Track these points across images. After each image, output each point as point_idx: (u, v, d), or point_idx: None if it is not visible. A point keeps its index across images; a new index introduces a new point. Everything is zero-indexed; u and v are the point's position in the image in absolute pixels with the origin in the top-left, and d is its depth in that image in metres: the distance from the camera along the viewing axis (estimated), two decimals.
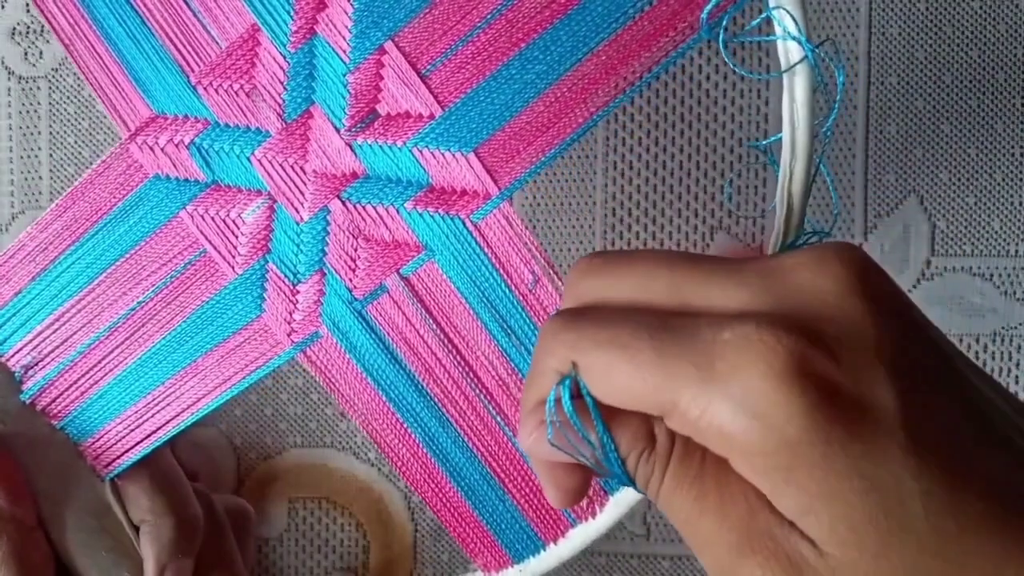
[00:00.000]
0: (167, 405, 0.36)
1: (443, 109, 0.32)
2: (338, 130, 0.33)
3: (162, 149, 0.34)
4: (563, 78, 0.31)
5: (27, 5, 0.42)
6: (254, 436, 0.44)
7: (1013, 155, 0.42)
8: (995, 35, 0.42)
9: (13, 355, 0.36)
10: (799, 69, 0.29)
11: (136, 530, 0.37)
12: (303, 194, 0.33)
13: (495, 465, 0.34)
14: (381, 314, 0.34)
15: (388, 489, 0.44)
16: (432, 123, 0.32)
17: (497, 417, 0.34)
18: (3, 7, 0.42)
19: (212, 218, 0.34)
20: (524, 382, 0.30)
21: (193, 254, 0.34)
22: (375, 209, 0.33)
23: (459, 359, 0.34)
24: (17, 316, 0.36)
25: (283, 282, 0.34)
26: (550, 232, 0.43)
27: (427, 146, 0.32)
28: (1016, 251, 0.42)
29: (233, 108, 0.33)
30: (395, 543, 0.44)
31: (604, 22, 0.30)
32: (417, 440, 0.34)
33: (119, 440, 0.36)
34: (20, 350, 0.36)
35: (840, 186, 0.42)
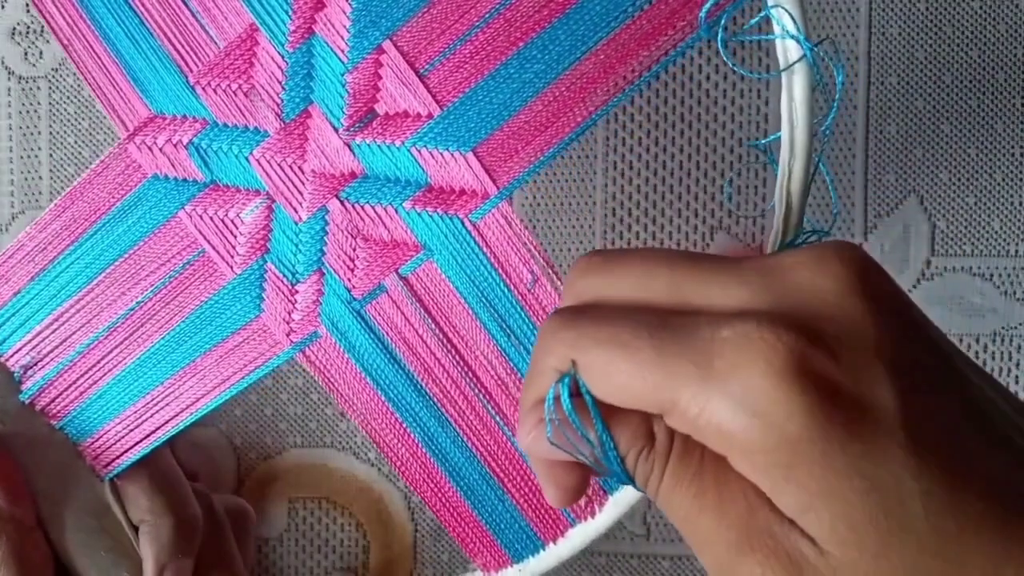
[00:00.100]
0: (166, 405, 0.35)
1: (441, 108, 0.32)
2: (336, 130, 0.33)
3: (160, 149, 0.34)
4: (562, 77, 0.31)
5: (27, 5, 0.42)
6: (254, 436, 0.44)
7: (1013, 155, 0.42)
8: (995, 35, 0.42)
9: (12, 355, 0.36)
10: (798, 68, 0.29)
11: (135, 530, 0.36)
12: (301, 194, 0.33)
13: (494, 465, 0.34)
14: (380, 314, 0.34)
15: (388, 489, 0.44)
16: (430, 123, 0.32)
17: (496, 417, 0.34)
18: (3, 7, 0.42)
19: (211, 218, 0.34)
20: (523, 381, 0.30)
21: (192, 254, 0.34)
22: (374, 209, 0.33)
23: (458, 359, 0.34)
24: (16, 316, 0.36)
25: (282, 282, 0.34)
26: (549, 232, 0.43)
27: (425, 146, 0.32)
28: (1016, 251, 0.42)
29: (231, 108, 0.33)
30: (395, 543, 0.44)
31: (603, 21, 0.30)
32: (416, 440, 0.34)
33: (118, 440, 0.36)
34: (19, 350, 0.36)
35: (840, 186, 0.42)
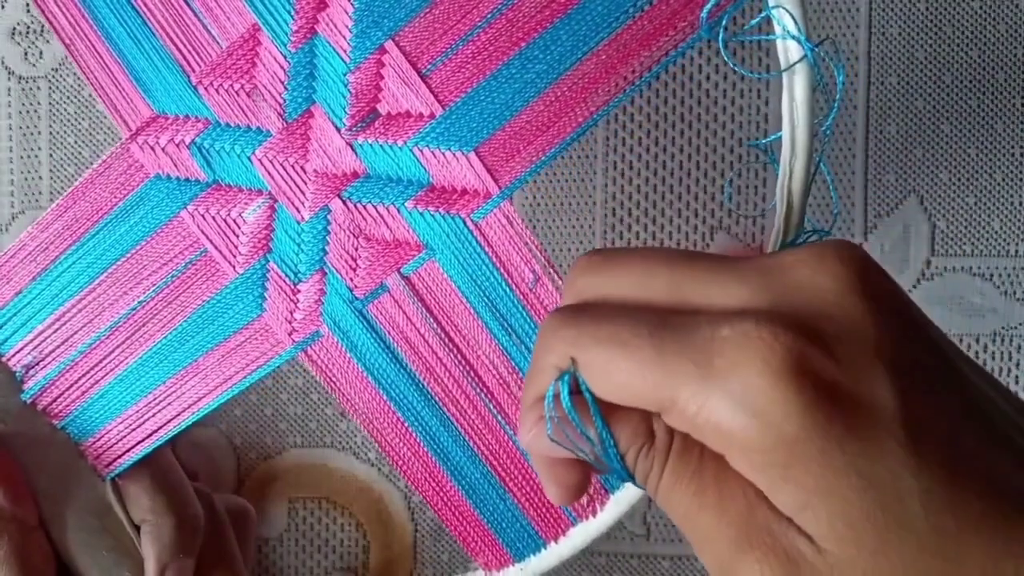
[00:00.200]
0: (168, 404, 0.36)
1: (443, 108, 0.32)
2: (339, 129, 0.33)
3: (163, 149, 0.34)
4: (563, 77, 0.31)
5: (27, 5, 0.42)
6: (254, 436, 0.44)
7: (1013, 155, 0.42)
8: (995, 35, 0.42)
9: (14, 355, 0.36)
10: (798, 68, 0.29)
11: (137, 530, 0.36)
12: (304, 193, 0.33)
13: (496, 464, 0.34)
14: (382, 313, 0.34)
15: (388, 489, 0.44)
16: (432, 122, 0.32)
17: (498, 416, 0.34)
18: (3, 7, 0.42)
19: (213, 218, 0.34)
20: (524, 380, 0.30)
21: (194, 254, 0.35)
22: (376, 208, 0.33)
23: (460, 358, 0.34)
24: (18, 316, 0.36)
25: (284, 281, 0.34)
26: (550, 232, 0.43)
27: (427, 145, 0.32)
28: (1016, 251, 0.42)
29: (234, 108, 0.33)
30: (395, 543, 0.44)
31: (604, 21, 0.30)
32: (418, 439, 0.34)
33: (120, 440, 0.36)
34: (21, 350, 0.36)
35: (840, 186, 0.42)
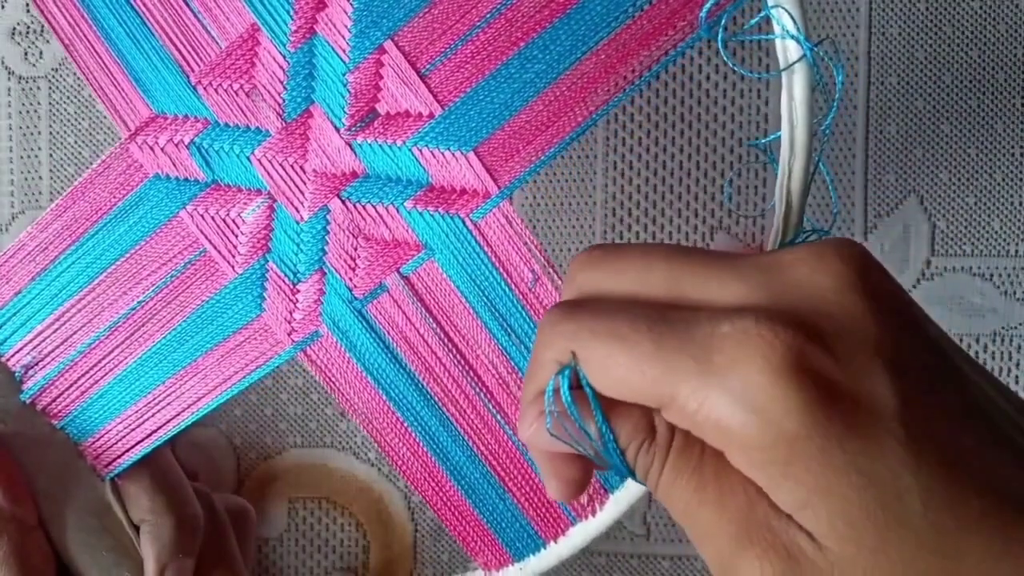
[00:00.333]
0: (167, 404, 0.36)
1: (443, 108, 0.32)
2: (338, 129, 0.33)
3: (162, 149, 0.34)
4: (562, 77, 0.31)
5: (27, 5, 0.42)
6: (254, 436, 0.44)
7: (1013, 155, 0.42)
8: (995, 35, 0.42)
9: (13, 355, 0.36)
10: (798, 68, 0.29)
11: (136, 530, 0.36)
12: (303, 193, 0.33)
13: (495, 463, 0.34)
14: (381, 313, 0.34)
15: (388, 489, 0.44)
16: (432, 122, 0.32)
17: (497, 416, 0.34)
18: (3, 7, 0.42)
19: (212, 218, 0.34)
20: (524, 378, 0.30)
21: (193, 253, 0.35)
22: (375, 208, 0.33)
23: (459, 358, 0.34)
24: (17, 316, 0.36)
25: (283, 281, 0.34)
26: (550, 231, 0.43)
27: (427, 145, 0.32)
28: (1016, 251, 0.42)
29: (233, 108, 0.33)
30: (395, 543, 0.44)
31: (603, 21, 0.30)
32: (417, 439, 0.34)
33: (119, 439, 0.36)
34: (20, 350, 0.36)
35: (840, 186, 0.42)
